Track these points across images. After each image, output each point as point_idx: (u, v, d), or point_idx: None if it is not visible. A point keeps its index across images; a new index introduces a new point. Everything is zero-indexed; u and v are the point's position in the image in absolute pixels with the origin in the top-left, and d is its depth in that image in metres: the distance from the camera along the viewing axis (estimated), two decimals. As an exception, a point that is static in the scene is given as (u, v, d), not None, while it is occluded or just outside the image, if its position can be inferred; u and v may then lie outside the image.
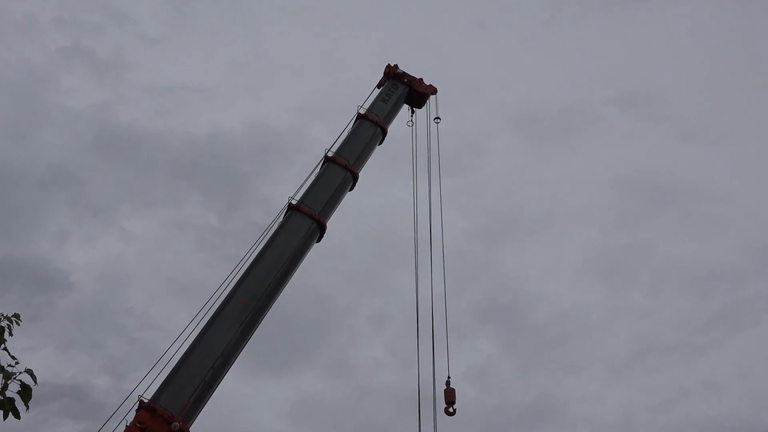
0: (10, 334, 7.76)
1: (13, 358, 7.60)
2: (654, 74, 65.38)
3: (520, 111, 66.99)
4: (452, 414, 15.46)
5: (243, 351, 13.26)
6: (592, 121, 65.75)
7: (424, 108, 21.86)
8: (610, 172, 64.79)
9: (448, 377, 15.99)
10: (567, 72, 67.86)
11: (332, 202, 16.65)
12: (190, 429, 12.11)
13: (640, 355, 56.36)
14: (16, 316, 7.89)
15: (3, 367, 7.46)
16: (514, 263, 61.85)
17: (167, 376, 12.47)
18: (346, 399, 55.76)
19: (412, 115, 21.70)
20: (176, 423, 11.82)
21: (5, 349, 7.65)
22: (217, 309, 13.48)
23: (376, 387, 54.14)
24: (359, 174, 17.79)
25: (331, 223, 16.54)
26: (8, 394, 7.41)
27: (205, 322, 13.28)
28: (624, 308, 58.76)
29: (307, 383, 57.28)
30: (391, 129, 20.85)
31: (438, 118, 21.80)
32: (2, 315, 7.76)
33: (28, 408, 7.57)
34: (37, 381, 7.82)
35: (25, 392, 7.47)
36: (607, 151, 65.09)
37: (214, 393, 12.59)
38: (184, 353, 12.81)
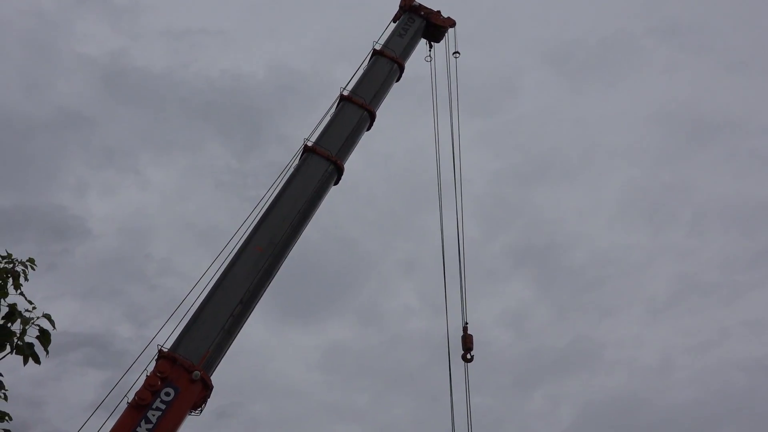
0: (26, 279, 7.99)
1: (30, 303, 7.85)
2: (697, 2, 64.10)
3: (554, 45, 66.12)
4: (470, 360, 15.75)
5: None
6: (632, 54, 64.72)
7: (443, 42, 21.70)
8: (650, 108, 64.08)
9: (466, 323, 16.24)
10: (604, 1, 66.71)
11: (349, 142, 16.69)
12: (211, 377, 12.43)
13: (680, 295, 56.51)
14: (31, 260, 8.11)
15: (21, 312, 7.71)
16: (550, 205, 61.87)
17: (186, 325, 12.73)
18: (376, 347, 56.58)
19: (430, 50, 21.56)
20: (197, 372, 12.11)
21: (22, 294, 7.89)
22: (235, 256, 13.69)
23: (407, 334, 54.82)
24: (376, 113, 17.79)
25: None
26: (27, 339, 7.69)
27: (224, 267, 13.50)
28: (664, 248, 58.77)
29: (336, 332, 58.12)
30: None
31: (457, 52, 21.63)
32: (17, 260, 7.99)
33: (47, 353, 7.85)
34: (57, 329, 8.10)
35: (44, 337, 7.72)
36: (648, 86, 64.29)
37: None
38: (203, 301, 13.06)
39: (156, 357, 12.26)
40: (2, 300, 7.65)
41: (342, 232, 57.28)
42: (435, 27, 21.01)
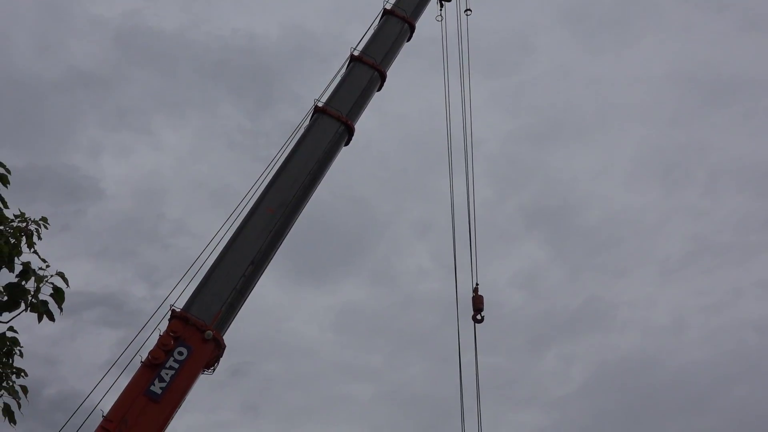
0: (39, 237, 8.16)
1: (44, 261, 8.02)
2: (714, -44, 63.23)
3: (570, 4, 65.38)
4: (480, 321, 15.93)
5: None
6: (648, 12, 64.06)
7: (454, 1, 21.59)
8: (666, 67, 63.43)
9: (476, 285, 16.39)
10: (619, -44, 65.88)
11: (360, 103, 16.72)
12: (223, 337, 12.66)
13: (693, 256, 56.58)
14: (44, 220, 8.26)
15: (34, 270, 7.90)
16: (564, 165, 61.80)
17: (198, 285, 12.94)
18: (389, 308, 57.13)
19: (441, 9, 21.47)
20: (209, 331, 12.32)
21: (35, 252, 8.07)
22: (246, 216, 13.85)
23: (421, 295, 55.29)
24: (387, 73, 17.77)
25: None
26: (41, 297, 7.88)
27: (236, 228, 13.68)
28: (678, 209, 58.77)
29: (350, 293, 58.70)
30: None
31: (468, 10, 21.53)
32: (30, 219, 8.15)
33: (62, 311, 8.04)
34: (71, 288, 8.28)
35: (58, 295, 7.91)
36: (664, 44, 63.51)
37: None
38: (215, 262, 13.25)
39: (168, 317, 12.48)
40: (16, 258, 7.83)
41: (355, 193, 57.55)
42: None
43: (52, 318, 8.05)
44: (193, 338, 12.21)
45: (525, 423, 53.47)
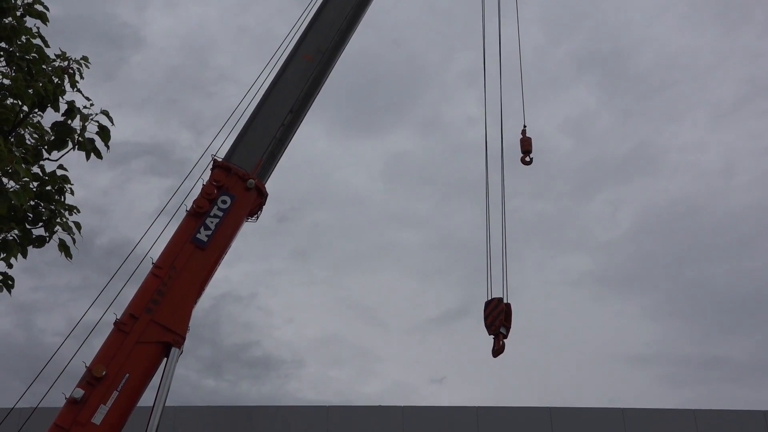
0: (81, 77, 8.51)
1: (88, 99, 8.40)
2: None
3: None
4: (528, 163, 16.04)
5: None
6: None
7: None
8: None
9: (524, 126, 16.43)
10: None
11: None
12: (265, 185, 13.07)
13: (747, 98, 55.73)
14: (85, 59, 8.57)
15: (79, 109, 8.27)
16: (616, 7, 60.17)
17: (239, 134, 13.22)
18: (438, 156, 57.72)
19: None
20: (251, 180, 12.69)
21: (79, 91, 8.43)
22: (283, 64, 13.96)
23: (469, 143, 55.60)
24: None
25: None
26: (87, 135, 8.28)
27: (274, 77, 13.82)
28: (734, 50, 57.40)
29: (399, 142, 59.28)
30: None
31: None
32: (71, 58, 8.47)
33: (108, 148, 8.47)
34: (119, 139, 8.69)
35: (104, 133, 8.30)
36: None
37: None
38: (254, 111, 13.45)
39: (211, 166, 12.84)
40: (60, 98, 8.19)
41: (404, 42, 57.00)
42: None
43: (99, 155, 8.47)
44: (236, 187, 12.59)
45: (571, 267, 54.72)
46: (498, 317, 13.60)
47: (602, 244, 54.80)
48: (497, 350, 13.47)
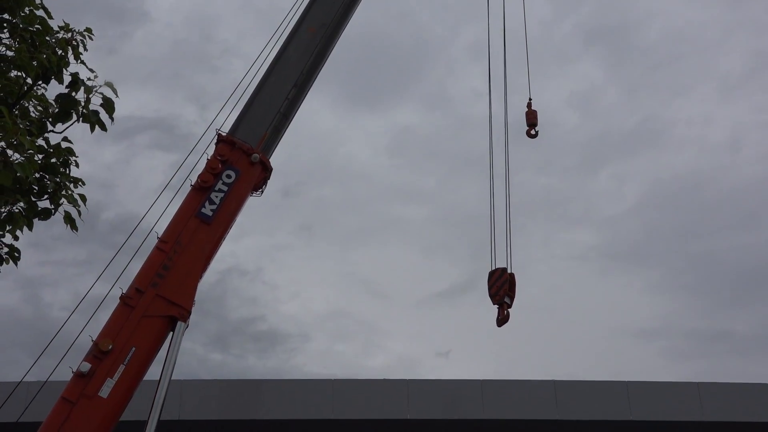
0: (85, 49, 8.45)
1: (92, 71, 8.33)
2: None
3: None
4: (534, 136, 16.00)
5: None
6: None
7: None
8: None
9: (530, 99, 16.37)
10: None
11: None
12: (270, 159, 13.02)
13: (755, 71, 55.56)
14: (88, 30, 8.51)
15: (83, 81, 8.23)
16: (625, -20, 59.87)
17: (243, 109, 13.14)
18: (444, 131, 57.69)
19: None
20: (256, 155, 12.64)
21: (83, 62, 8.37)
22: (287, 38, 13.87)
23: (475, 118, 55.54)
24: None
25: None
26: (92, 107, 8.24)
27: (277, 51, 13.72)
28: (741, 23, 57.12)
29: (404, 116, 59.21)
30: None
31: None
32: (74, 30, 8.41)
33: (113, 120, 8.42)
34: (124, 113, 8.66)
35: (108, 105, 8.26)
36: None
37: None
38: (258, 85, 13.36)
39: (215, 141, 12.80)
40: (64, 70, 8.15)
41: (409, 15, 56.72)
42: None
43: (104, 127, 8.43)
44: (241, 161, 12.53)
45: (577, 241, 54.82)
46: (502, 287, 13.65)
47: (608, 219, 54.85)
48: (501, 320, 13.55)
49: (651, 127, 56.82)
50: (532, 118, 16.00)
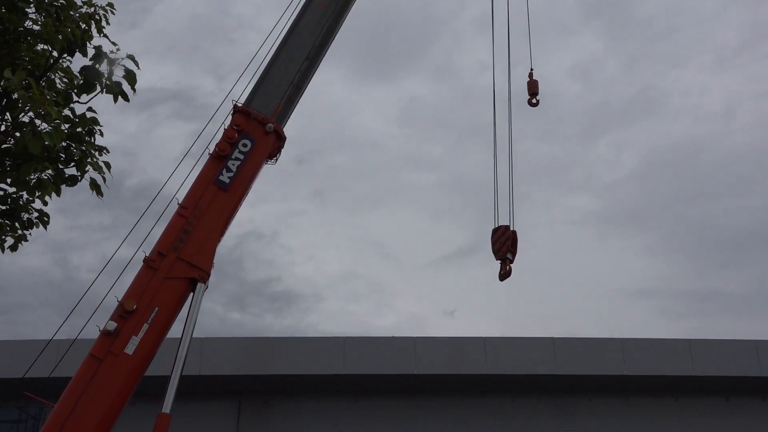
0: (107, 23, 8.41)
1: (114, 44, 8.31)
2: None
3: None
4: (535, 105, 16.04)
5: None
6: None
7: None
8: None
9: (531, 69, 16.35)
10: None
11: None
12: (283, 129, 13.03)
13: (750, 43, 55.08)
14: (110, 5, 8.47)
15: (106, 53, 8.20)
16: (624, -46, 59.21)
17: (258, 81, 13.14)
18: (451, 101, 57.52)
19: None
20: (270, 124, 12.67)
21: (105, 36, 8.34)
22: (299, 12, 13.81)
23: (481, 88, 55.29)
24: None
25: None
26: (114, 79, 8.22)
27: (289, 25, 13.66)
28: (738, -6, 56.43)
29: (413, 87, 58.98)
30: None
31: None
32: (96, 4, 8.36)
33: (135, 91, 8.41)
34: (145, 85, 8.65)
35: (130, 76, 8.24)
36: None
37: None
38: (271, 58, 13.35)
39: (232, 112, 12.81)
40: (88, 43, 8.12)
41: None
42: None
43: (126, 98, 8.42)
44: (256, 131, 12.57)
45: (577, 207, 54.82)
46: (505, 243, 13.78)
47: (607, 185, 54.75)
48: (503, 275, 13.71)
49: (649, 97, 56.57)
50: (533, 88, 16.04)
